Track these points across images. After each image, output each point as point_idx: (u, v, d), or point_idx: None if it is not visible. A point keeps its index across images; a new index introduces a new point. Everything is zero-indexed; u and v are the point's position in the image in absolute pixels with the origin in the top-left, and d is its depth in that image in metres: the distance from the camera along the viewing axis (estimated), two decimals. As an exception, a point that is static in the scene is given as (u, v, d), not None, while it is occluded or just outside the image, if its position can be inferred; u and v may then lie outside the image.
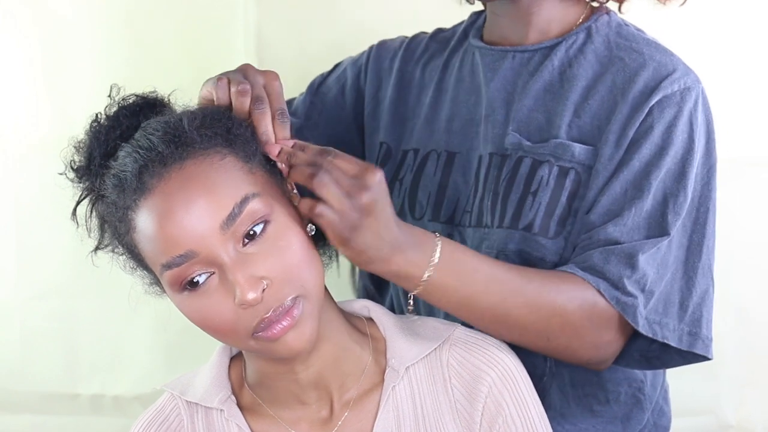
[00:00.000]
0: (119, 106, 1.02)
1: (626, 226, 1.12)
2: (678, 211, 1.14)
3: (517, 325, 1.09)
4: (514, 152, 1.22)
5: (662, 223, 1.13)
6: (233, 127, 0.99)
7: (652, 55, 1.19)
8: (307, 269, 0.96)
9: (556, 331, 1.10)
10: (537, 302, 1.09)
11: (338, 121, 1.43)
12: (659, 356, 1.19)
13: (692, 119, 1.15)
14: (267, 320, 0.94)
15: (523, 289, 1.09)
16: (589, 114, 1.19)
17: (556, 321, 1.09)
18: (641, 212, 1.13)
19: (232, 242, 0.93)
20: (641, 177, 1.14)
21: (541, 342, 1.11)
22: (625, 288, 1.10)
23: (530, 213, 1.18)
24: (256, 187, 0.95)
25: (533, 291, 1.09)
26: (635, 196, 1.13)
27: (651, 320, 1.12)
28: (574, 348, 1.12)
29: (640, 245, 1.11)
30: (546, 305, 1.09)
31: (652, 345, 1.18)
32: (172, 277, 0.94)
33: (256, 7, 1.73)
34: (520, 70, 1.26)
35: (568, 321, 1.10)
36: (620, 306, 1.10)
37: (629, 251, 1.11)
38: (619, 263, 1.11)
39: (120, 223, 0.96)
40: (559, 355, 1.15)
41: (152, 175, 0.93)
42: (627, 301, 1.10)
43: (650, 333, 1.12)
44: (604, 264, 1.11)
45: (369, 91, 1.42)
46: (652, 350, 1.18)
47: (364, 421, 1.05)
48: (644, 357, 1.20)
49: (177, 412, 1.08)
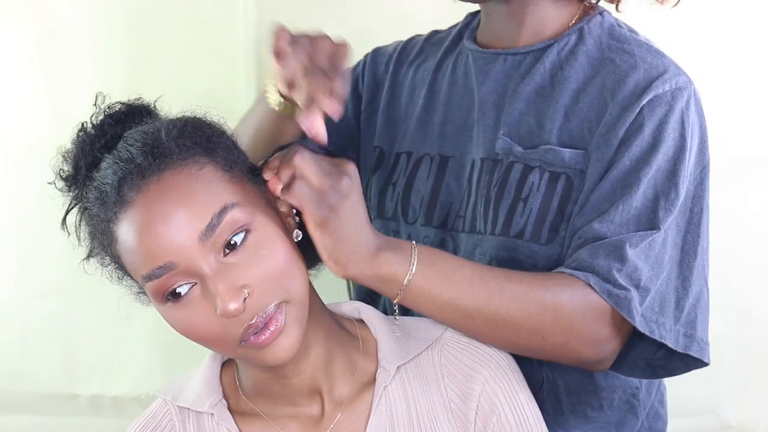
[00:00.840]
0: (104, 114, 1.02)
1: (613, 222, 1.11)
2: (669, 208, 1.12)
3: (508, 325, 1.06)
4: (505, 157, 1.21)
5: (653, 219, 1.11)
6: (214, 135, 0.98)
7: (643, 57, 1.17)
8: (290, 277, 0.95)
9: (550, 327, 1.08)
10: (527, 297, 1.07)
11: (339, 132, 1.42)
12: (663, 365, 1.17)
13: (684, 118, 1.14)
14: (254, 326, 0.94)
15: (510, 286, 1.07)
16: (579, 117, 1.18)
17: (548, 316, 1.07)
18: (630, 208, 1.11)
19: (213, 253, 0.93)
20: (630, 174, 1.12)
21: (537, 342, 1.09)
22: (616, 281, 1.08)
23: (521, 220, 1.18)
24: (236, 197, 0.95)
25: (521, 287, 1.07)
26: (624, 192, 1.11)
27: (648, 318, 1.10)
28: (571, 345, 1.10)
29: (628, 237, 1.09)
30: (536, 300, 1.07)
31: (656, 353, 1.16)
32: (154, 289, 0.94)
33: (256, 7, 1.73)
34: (511, 73, 1.25)
35: (561, 315, 1.07)
36: (613, 299, 1.08)
37: (616, 243, 1.09)
38: (608, 256, 1.09)
39: (103, 235, 0.96)
40: (557, 356, 1.13)
41: (131, 187, 0.93)
42: (620, 294, 1.08)
43: (647, 331, 1.10)
44: (592, 259, 1.09)
45: (366, 97, 1.41)
46: (656, 358, 1.17)
47: (356, 422, 1.05)
48: (649, 365, 1.18)
49: (169, 417, 1.08)
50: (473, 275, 1.06)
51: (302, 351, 1.01)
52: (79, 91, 1.73)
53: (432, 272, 1.04)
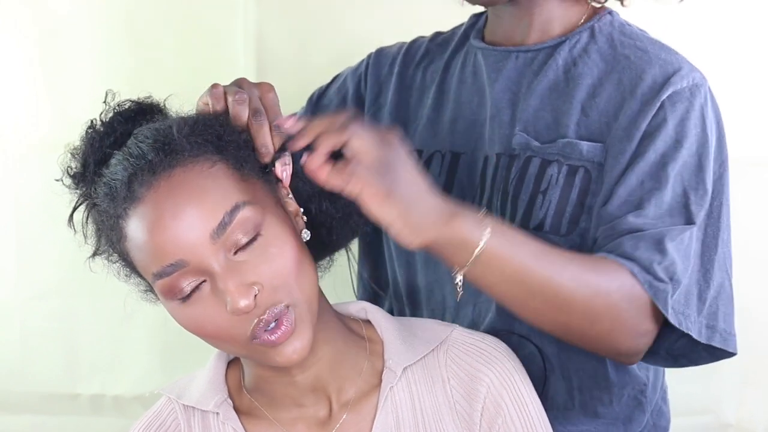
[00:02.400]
0: (114, 112, 1.02)
1: (648, 216, 1.11)
2: (701, 203, 1.13)
3: (564, 305, 1.05)
4: (522, 152, 1.22)
5: (686, 213, 1.12)
6: (225, 133, 0.98)
7: (657, 54, 1.18)
8: (298, 277, 0.95)
9: (601, 313, 1.07)
10: (582, 279, 1.06)
11: None
12: (686, 354, 1.18)
13: (704, 114, 1.15)
14: (265, 321, 0.93)
15: (569, 266, 1.06)
16: (597, 111, 1.19)
17: (600, 301, 1.06)
18: (662, 203, 1.12)
19: (223, 251, 0.93)
20: (658, 168, 1.13)
21: (585, 325, 1.08)
22: (657, 273, 1.08)
23: (540, 212, 1.18)
24: (247, 195, 0.95)
25: (577, 268, 1.07)
26: (654, 187, 1.12)
27: (677, 310, 1.11)
28: (615, 334, 1.09)
29: (668, 231, 1.10)
30: (590, 284, 1.06)
31: (677, 342, 1.17)
32: (164, 287, 0.94)
33: (256, 11, 1.73)
34: (524, 70, 1.25)
35: (610, 302, 1.07)
36: (653, 291, 1.08)
37: (657, 237, 1.09)
38: (648, 248, 1.09)
39: (112, 231, 0.96)
40: (599, 344, 1.12)
41: (141, 183, 0.93)
42: (659, 287, 1.08)
43: (676, 322, 1.10)
44: (634, 250, 1.09)
45: (369, 97, 1.41)
46: (677, 347, 1.17)
47: (362, 423, 1.05)
48: (670, 354, 1.19)
49: (174, 416, 1.08)
50: (538, 249, 1.05)
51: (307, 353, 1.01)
52: (79, 91, 1.73)
53: (504, 240, 1.02)
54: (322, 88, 1.48)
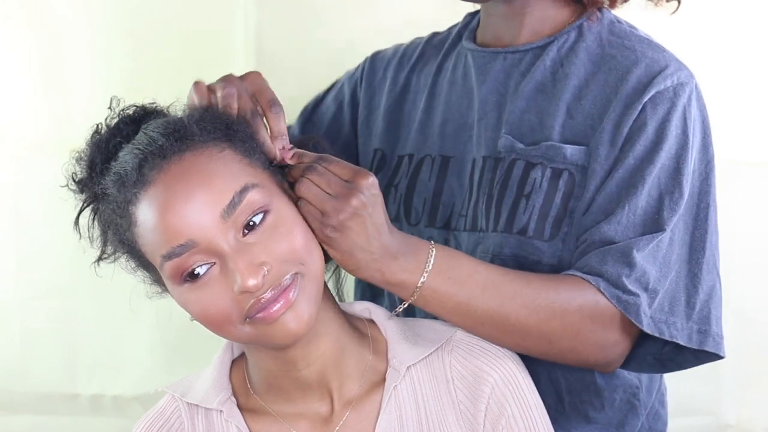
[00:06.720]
0: (120, 116, 1.03)
1: (620, 224, 1.12)
2: (674, 208, 1.13)
3: (516, 330, 1.08)
4: (507, 155, 1.21)
5: (657, 220, 1.12)
6: (233, 123, 1.00)
7: (644, 52, 1.18)
8: (307, 253, 0.97)
9: (558, 334, 1.10)
10: (535, 304, 1.08)
11: (336, 140, 1.43)
12: (673, 358, 1.18)
13: (686, 115, 1.15)
14: (264, 300, 0.94)
15: (522, 292, 1.09)
16: (582, 114, 1.18)
17: (556, 323, 1.09)
18: (635, 209, 1.12)
19: (233, 231, 0.94)
20: (635, 173, 1.13)
21: (543, 346, 1.11)
22: (626, 287, 1.10)
23: (524, 216, 1.18)
24: (256, 178, 0.97)
25: (531, 293, 1.09)
26: (629, 192, 1.13)
27: (657, 319, 1.12)
28: (578, 350, 1.12)
29: (635, 242, 1.11)
30: (545, 307, 1.09)
31: (664, 347, 1.17)
32: (173, 269, 0.94)
33: (256, 11, 1.73)
34: (511, 71, 1.25)
35: (568, 322, 1.09)
36: (622, 305, 1.10)
37: (624, 249, 1.10)
38: (616, 262, 1.10)
39: (121, 219, 0.97)
40: (564, 359, 1.14)
41: (152, 167, 0.94)
42: (629, 300, 1.10)
43: (656, 332, 1.11)
44: (601, 265, 1.11)
45: (363, 100, 1.42)
46: (665, 352, 1.18)
47: (365, 421, 1.05)
48: (657, 360, 1.19)
49: (178, 414, 1.08)
50: (487, 281, 1.08)
51: (313, 341, 1.01)
52: (79, 91, 1.73)
53: (445, 279, 1.05)
54: (318, 97, 1.49)
